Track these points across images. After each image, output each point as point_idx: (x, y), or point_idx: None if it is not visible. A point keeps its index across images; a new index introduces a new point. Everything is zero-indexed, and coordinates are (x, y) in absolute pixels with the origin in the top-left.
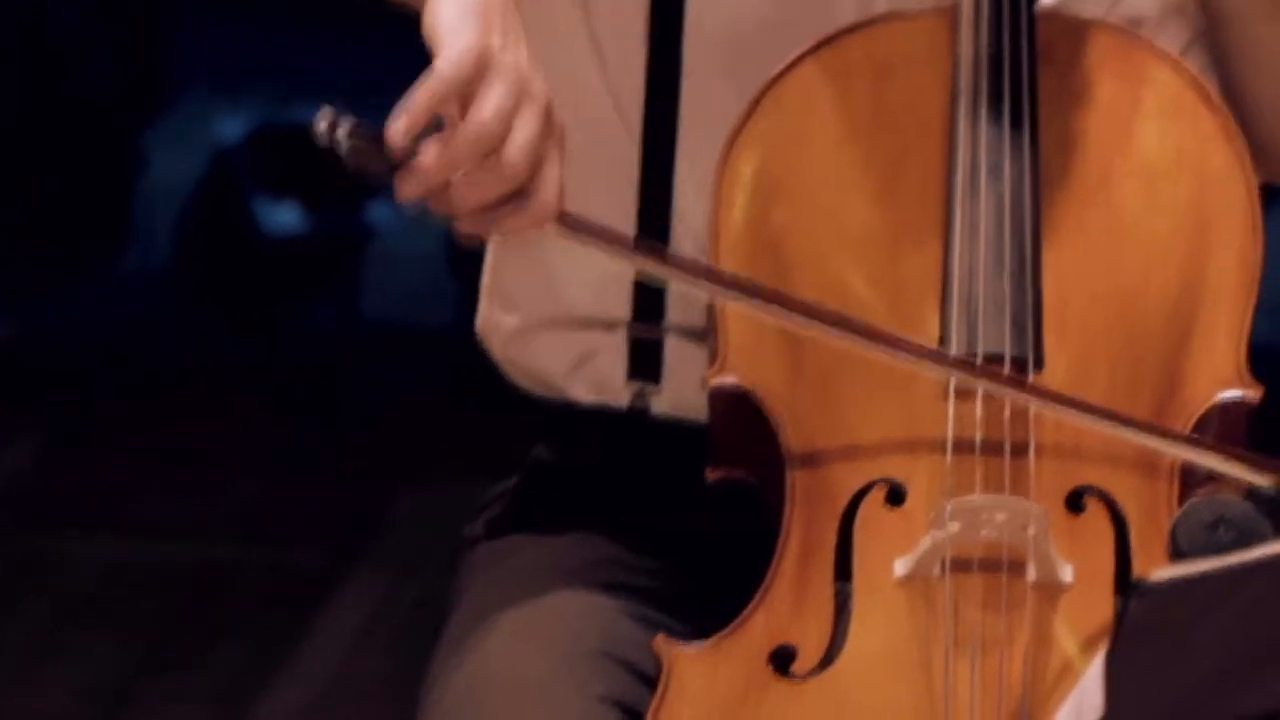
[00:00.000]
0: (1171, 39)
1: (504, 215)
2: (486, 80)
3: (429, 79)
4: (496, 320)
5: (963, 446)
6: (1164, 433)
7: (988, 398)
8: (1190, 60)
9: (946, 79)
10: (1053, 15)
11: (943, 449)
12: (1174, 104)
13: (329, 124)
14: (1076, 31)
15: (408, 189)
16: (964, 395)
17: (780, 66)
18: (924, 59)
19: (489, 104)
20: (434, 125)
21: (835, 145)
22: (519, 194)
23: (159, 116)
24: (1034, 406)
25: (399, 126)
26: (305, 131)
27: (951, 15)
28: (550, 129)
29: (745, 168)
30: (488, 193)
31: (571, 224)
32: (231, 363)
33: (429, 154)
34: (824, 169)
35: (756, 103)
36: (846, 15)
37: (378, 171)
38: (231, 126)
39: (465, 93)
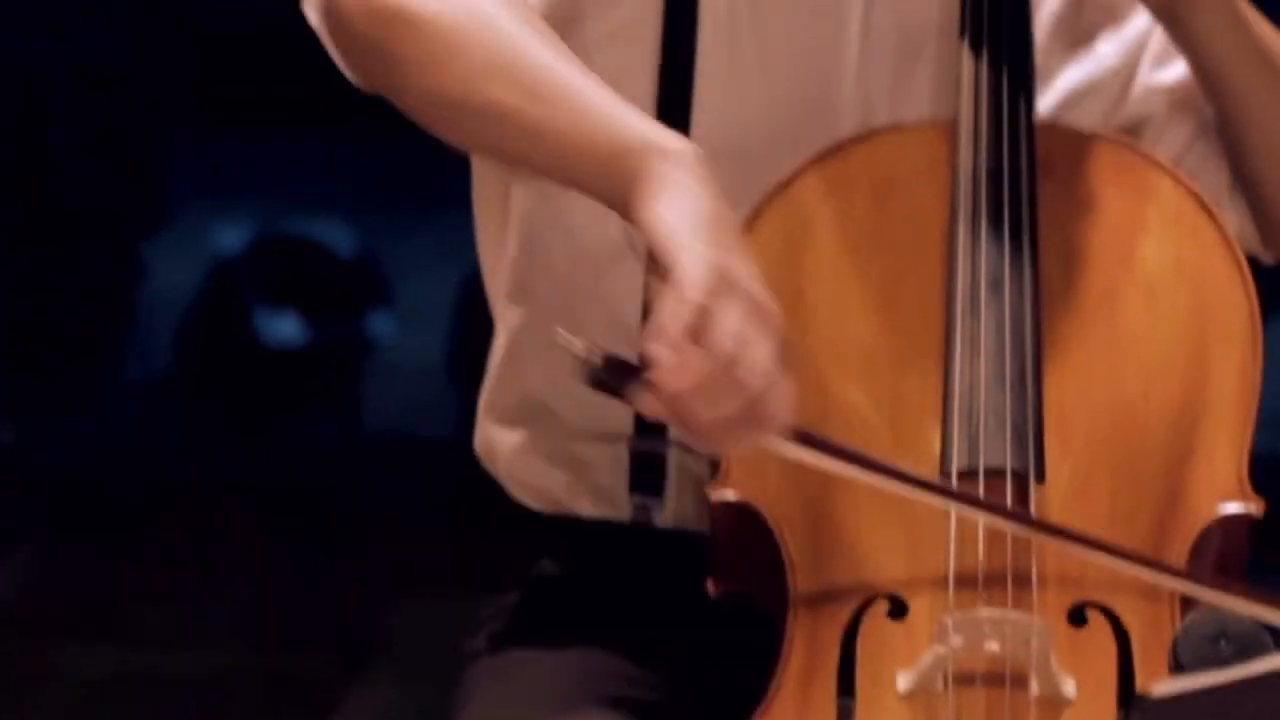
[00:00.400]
0: (1176, 135)
1: (739, 429)
2: (726, 302)
3: (675, 305)
4: (497, 439)
5: (965, 560)
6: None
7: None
8: (1195, 151)
9: (946, 192)
10: (1052, 127)
11: (945, 563)
12: (1174, 216)
13: (582, 344)
14: (1076, 144)
15: (649, 406)
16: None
17: (781, 179)
18: (923, 172)
19: (729, 328)
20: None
21: (835, 258)
22: (754, 410)
23: (159, 227)
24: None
25: (653, 354)
26: (305, 242)
27: (951, 128)
28: (783, 346)
29: None
30: (724, 411)
31: (804, 439)
32: (231, 473)
33: (671, 377)
34: (825, 282)
35: (757, 215)
36: (849, 127)
37: (623, 389)
38: (231, 237)
39: (709, 312)
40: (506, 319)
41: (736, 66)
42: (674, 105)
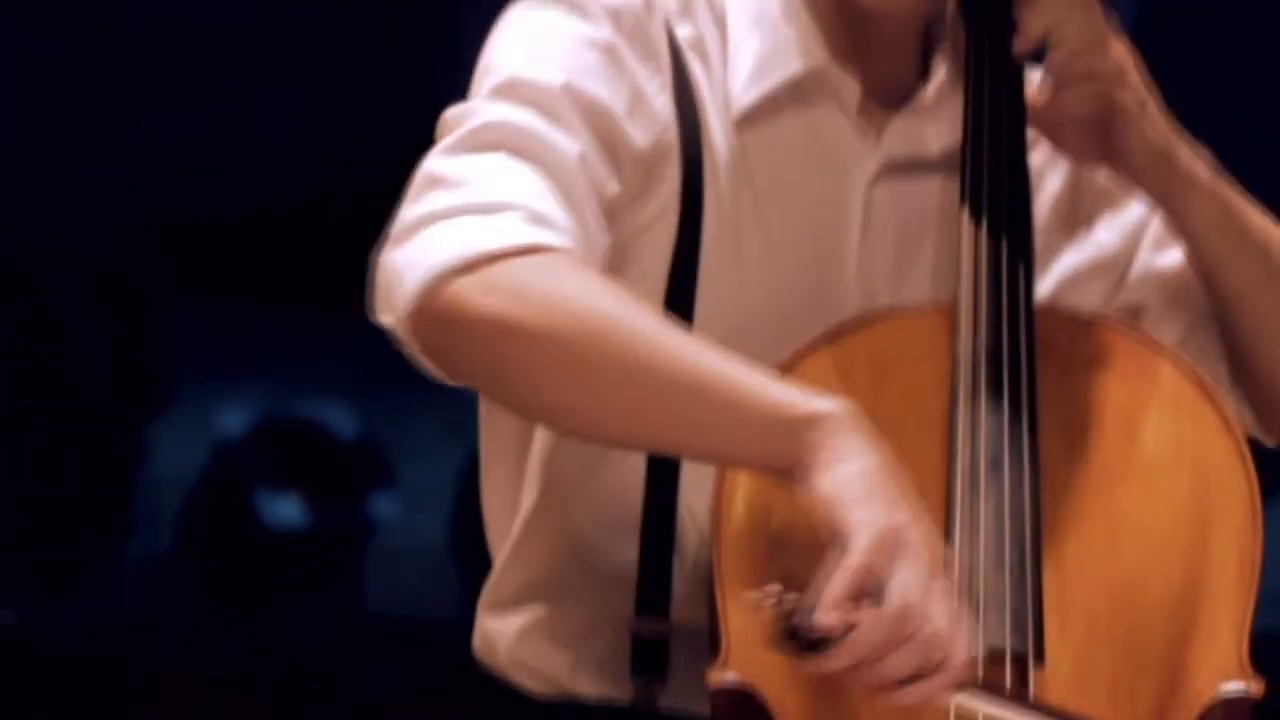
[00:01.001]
0: (1174, 323)
1: (920, 682)
2: (895, 562)
3: (849, 567)
4: (498, 629)
5: None
6: None
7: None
8: (1194, 339)
9: (946, 374)
10: (1052, 310)
11: None
12: (1174, 398)
13: (772, 604)
14: (1076, 326)
15: (834, 663)
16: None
17: (780, 364)
18: (923, 355)
19: (900, 586)
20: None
21: None
22: (936, 661)
23: (161, 409)
24: None
25: (828, 619)
26: (307, 425)
27: (950, 310)
28: (954, 602)
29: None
30: (907, 666)
31: (980, 689)
32: (232, 656)
33: (855, 636)
34: None
35: None
36: (852, 311)
37: (808, 651)
38: (233, 419)
39: (882, 571)
40: (519, 504)
41: (739, 254)
42: (679, 292)
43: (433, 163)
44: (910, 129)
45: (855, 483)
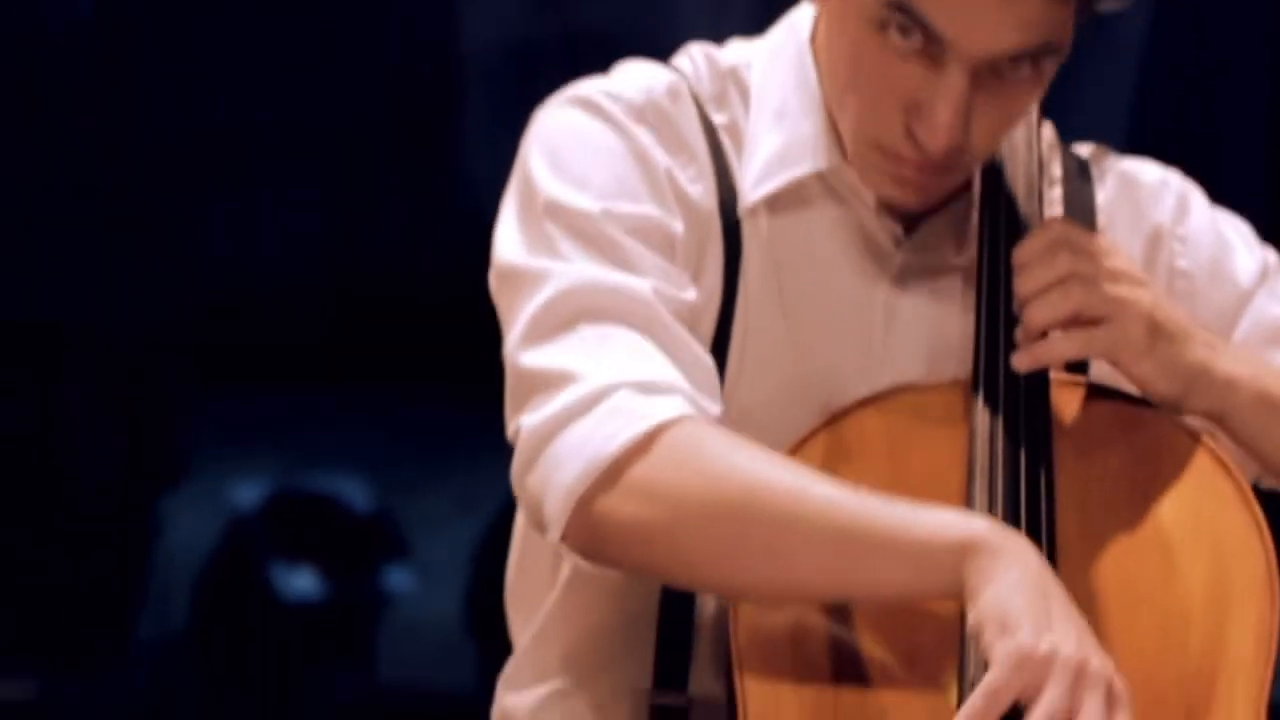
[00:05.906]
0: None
1: None
2: (1044, 680)
3: (982, 691)
4: (516, 703)
5: None
6: None
7: None
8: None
9: (963, 450)
10: (1067, 385)
11: None
12: (1190, 473)
13: None
14: (1092, 402)
15: None
16: None
17: (795, 439)
18: (940, 430)
19: (1045, 706)
20: None
21: None
22: None
23: (174, 485)
24: None
25: None
26: (320, 498)
27: (966, 387)
28: (1114, 701)
29: None
30: None
31: None
32: None
33: None
34: None
35: None
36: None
37: None
38: (247, 493)
39: (1027, 689)
40: (546, 593)
41: (766, 339)
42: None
43: (523, 358)
44: (932, 238)
45: (1003, 604)
